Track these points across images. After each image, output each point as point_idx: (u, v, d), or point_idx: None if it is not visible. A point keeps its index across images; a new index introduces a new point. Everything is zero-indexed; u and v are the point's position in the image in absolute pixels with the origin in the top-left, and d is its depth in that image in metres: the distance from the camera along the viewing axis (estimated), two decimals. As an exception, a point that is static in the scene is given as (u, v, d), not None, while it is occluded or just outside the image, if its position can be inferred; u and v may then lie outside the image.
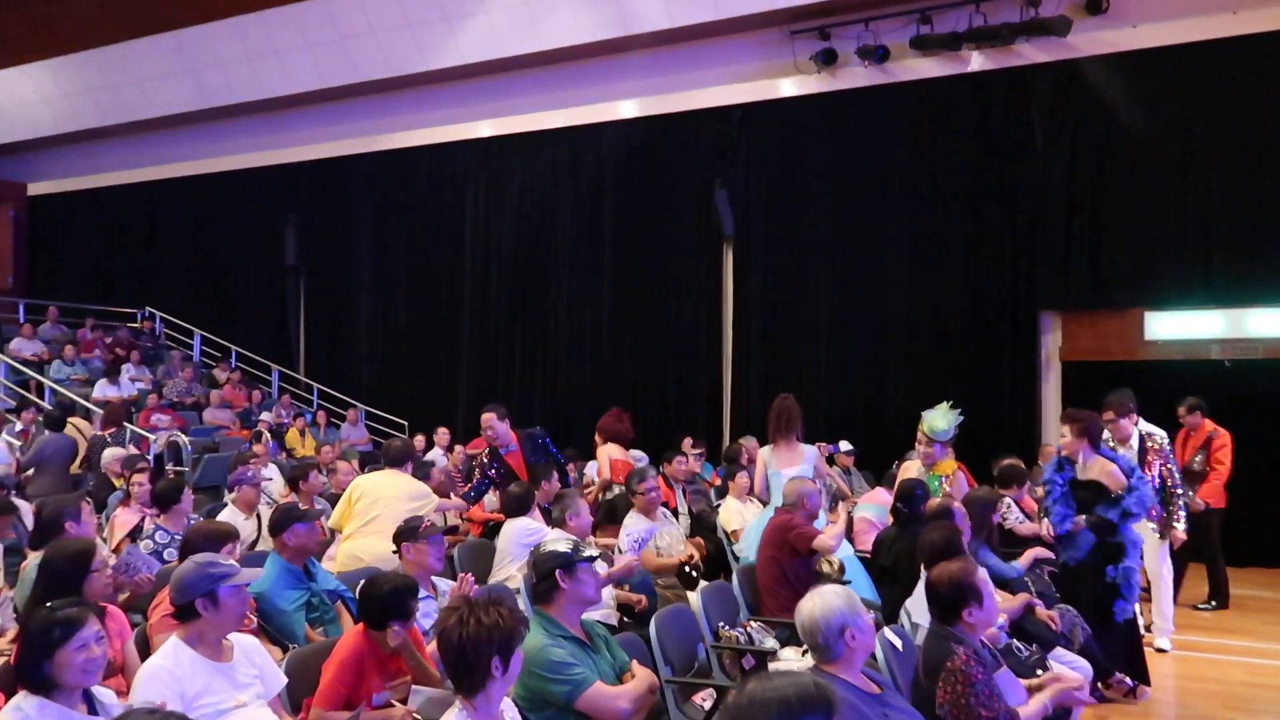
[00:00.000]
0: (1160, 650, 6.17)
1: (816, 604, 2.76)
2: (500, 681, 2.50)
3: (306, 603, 4.23)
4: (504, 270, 13.47)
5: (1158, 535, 6.06)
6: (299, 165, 14.87)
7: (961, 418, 6.21)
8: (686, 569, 5.39)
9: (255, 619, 3.89)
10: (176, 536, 5.38)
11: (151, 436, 9.96)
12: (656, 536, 5.67)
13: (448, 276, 13.90)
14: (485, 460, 6.65)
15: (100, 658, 2.63)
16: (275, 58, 13.87)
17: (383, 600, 3.40)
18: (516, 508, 5.52)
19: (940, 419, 6.08)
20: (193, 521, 5.56)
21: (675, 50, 12.06)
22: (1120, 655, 5.20)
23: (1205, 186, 9.53)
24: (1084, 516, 5.18)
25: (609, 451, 7.62)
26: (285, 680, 3.21)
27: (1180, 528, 6.04)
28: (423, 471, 6.62)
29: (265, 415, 12.38)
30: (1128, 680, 5.18)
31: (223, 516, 5.89)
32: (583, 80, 12.63)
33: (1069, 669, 4.36)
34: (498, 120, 13.33)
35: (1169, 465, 6.04)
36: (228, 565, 3.07)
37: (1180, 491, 6.06)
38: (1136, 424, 6.11)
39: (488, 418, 6.56)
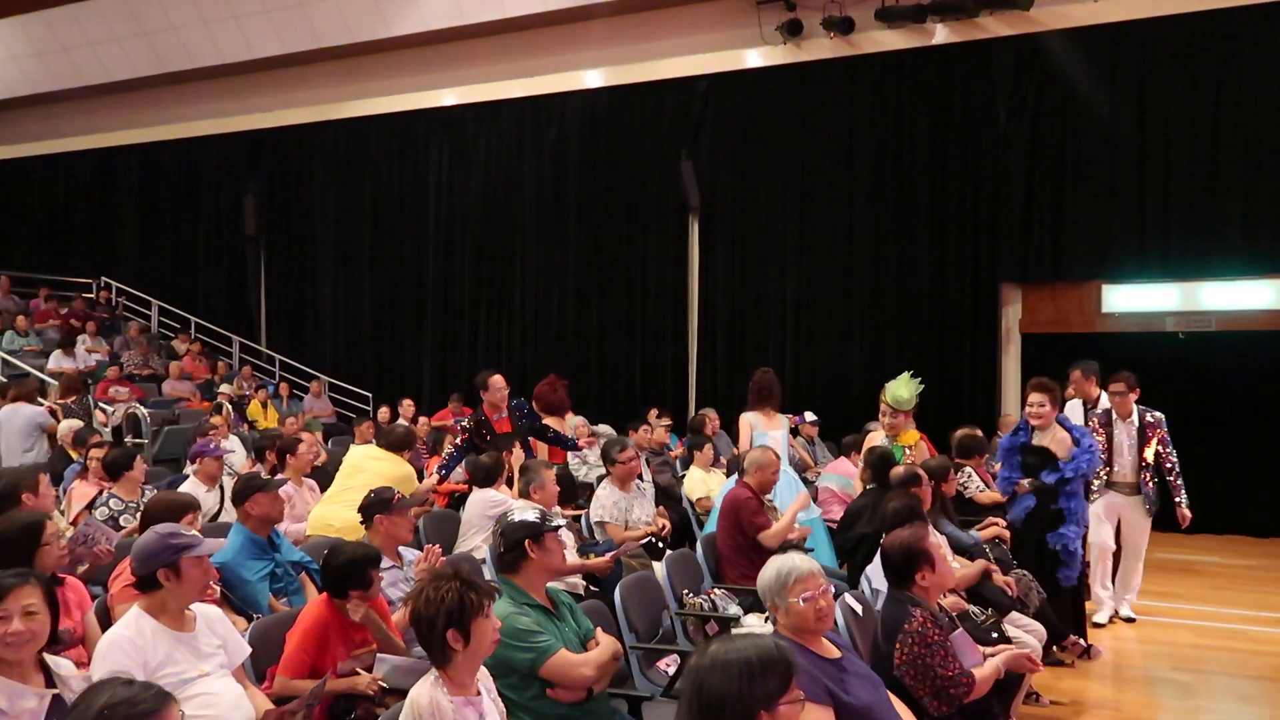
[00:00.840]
0: (1128, 619, 6.38)
1: (772, 572, 2.81)
2: (464, 654, 2.54)
3: (271, 573, 4.22)
4: (468, 241, 13.36)
5: (1147, 510, 6.23)
6: (258, 133, 14.60)
7: (922, 387, 6.33)
8: (654, 540, 5.44)
9: (219, 589, 3.88)
10: (130, 504, 5.37)
11: (109, 409, 9.81)
12: (628, 510, 5.72)
13: (412, 247, 13.76)
14: (473, 426, 6.55)
15: (26, 632, 2.53)
16: (234, 22, 13.57)
17: (342, 570, 3.44)
18: (483, 478, 5.53)
19: (902, 389, 6.20)
20: (148, 491, 5.52)
21: (640, 19, 11.97)
22: (1067, 621, 5.26)
23: (1162, 161, 9.68)
24: (1027, 480, 5.31)
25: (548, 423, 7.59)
26: (249, 650, 3.21)
27: (1184, 503, 6.12)
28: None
29: (225, 387, 12.23)
30: (1082, 641, 5.31)
31: (184, 488, 5.83)
32: (547, 49, 12.51)
33: (1024, 633, 4.49)
34: (461, 89, 13.17)
35: (1166, 443, 6.13)
36: (190, 535, 3.05)
37: (1178, 472, 6.13)
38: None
39: (497, 379, 6.57)
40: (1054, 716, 4.76)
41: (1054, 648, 5.13)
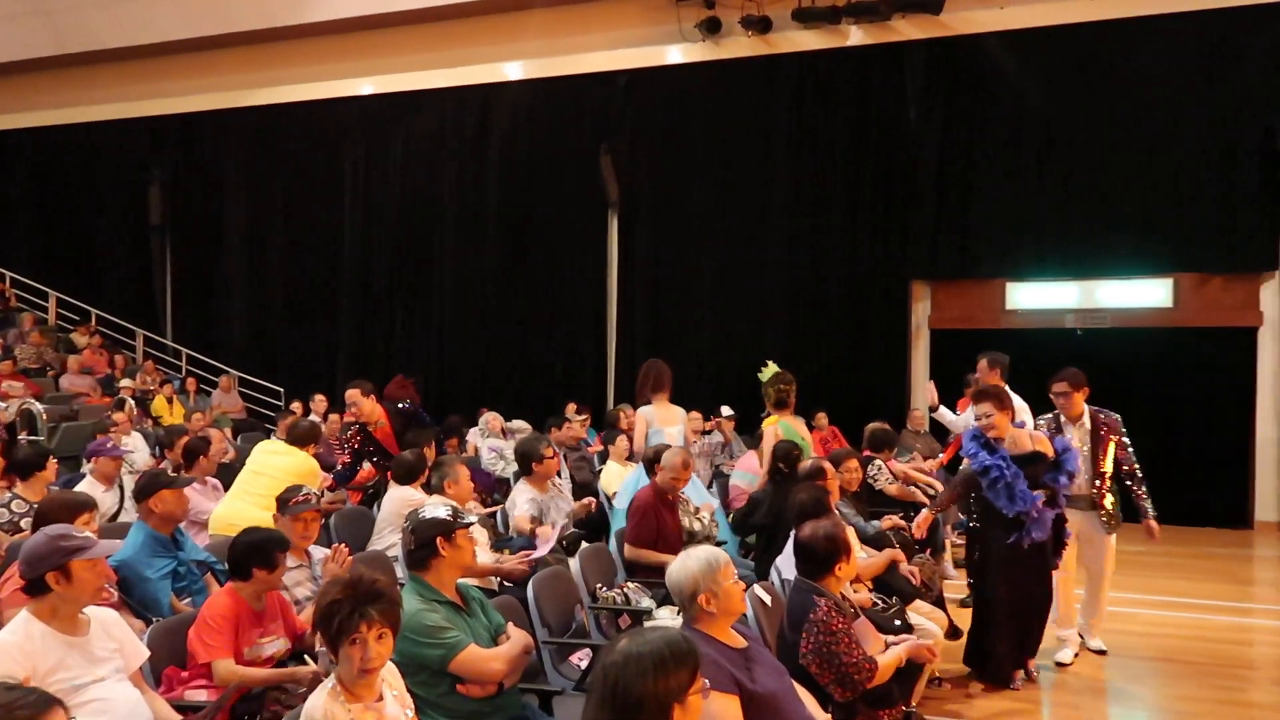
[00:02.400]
0: (1099, 651, 5.61)
1: (678, 568, 2.84)
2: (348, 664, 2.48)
3: (173, 572, 4.11)
4: (385, 233, 13.15)
5: (1105, 526, 5.45)
6: (164, 119, 14.10)
7: (775, 369, 6.65)
8: (563, 543, 5.44)
9: (115, 592, 3.76)
10: (34, 506, 5.13)
11: (2, 405, 9.39)
12: (544, 510, 5.69)
13: (326, 239, 13.48)
14: (356, 439, 6.42)
15: None
16: (138, 3, 13.07)
17: (248, 548, 3.44)
18: (404, 476, 5.45)
19: (765, 374, 6.63)
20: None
21: (561, 13, 11.94)
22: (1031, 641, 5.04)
23: (1064, 163, 10.07)
24: (1040, 493, 4.78)
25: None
26: (147, 653, 3.12)
27: (1153, 515, 5.45)
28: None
29: (128, 382, 11.81)
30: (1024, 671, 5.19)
31: (81, 488, 5.62)
32: (467, 40, 12.38)
33: (926, 621, 4.64)
34: (379, 78, 12.94)
35: (1124, 447, 5.47)
36: (82, 537, 2.94)
37: (1140, 477, 5.46)
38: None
39: (352, 394, 6.32)
40: (950, 697, 4.93)
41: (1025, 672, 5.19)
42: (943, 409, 6.87)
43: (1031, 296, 10.43)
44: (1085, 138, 9.98)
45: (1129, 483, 5.43)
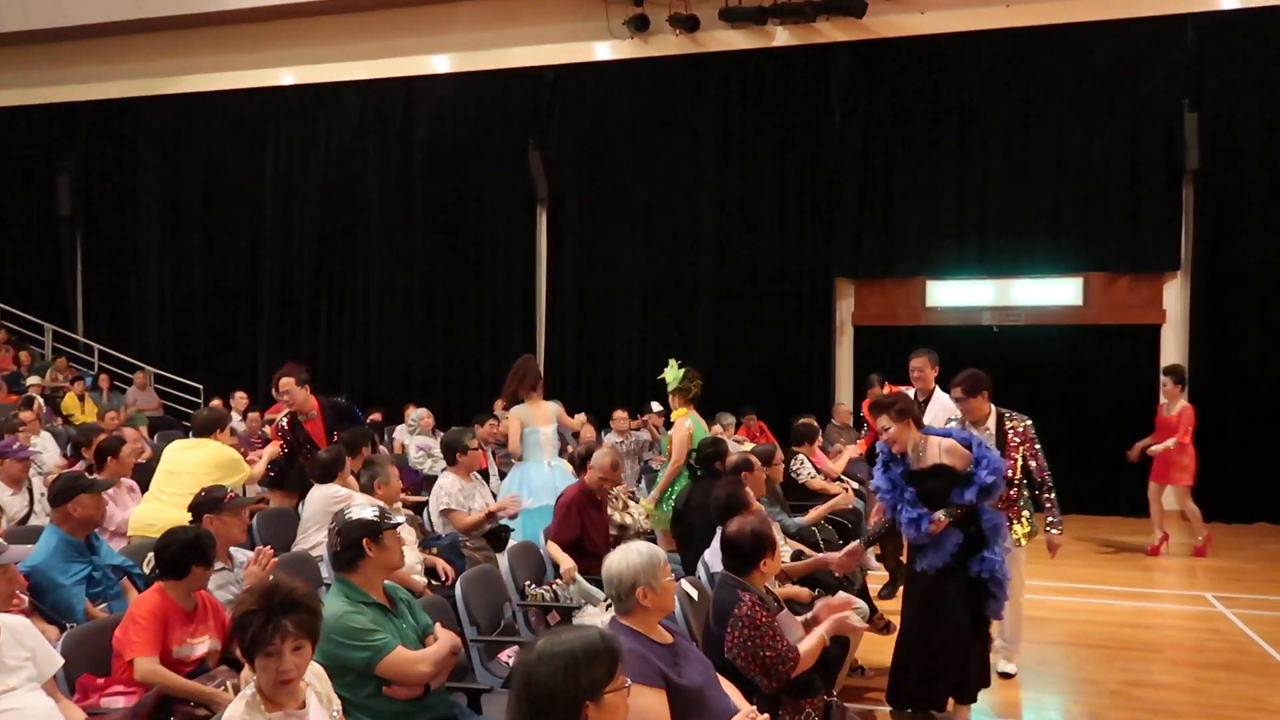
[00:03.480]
0: (1005, 675, 5.22)
1: (619, 560, 2.88)
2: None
3: (88, 577, 4.00)
4: (308, 226, 12.89)
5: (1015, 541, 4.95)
6: (74, 106, 13.59)
7: (683, 371, 6.83)
8: (500, 534, 5.44)
9: (26, 598, 3.65)
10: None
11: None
12: (470, 498, 5.69)
13: (246, 232, 13.16)
14: (285, 427, 6.28)
15: None
16: (44, -15, 12.57)
17: (185, 546, 3.37)
18: (323, 474, 5.38)
19: (669, 372, 6.84)
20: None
21: (488, 6, 11.85)
22: (986, 666, 4.52)
23: (980, 165, 10.40)
24: (943, 512, 4.09)
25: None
26: (61, 661, 3.04)
27: (1057, 533, 5.00)
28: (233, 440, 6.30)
29: (36, 379, 11.37)
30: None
31: (-13, 490, 5.43)
32: (392, 31, 12.21)
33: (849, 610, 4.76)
34: (301, 68, 12.68)
35: (1035, 455, 4.97)
36: (-10, 543, 2.86)
37: (1050, 487, 4.98)
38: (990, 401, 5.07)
39: (285, 381, 6.17)
40: (875, 686, 5.07)
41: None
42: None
43: (951, 295, 10.73)
44: (1001, 141, 10.32)
45: (1040, 492, 4.96)
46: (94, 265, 14.00)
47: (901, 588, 4.64)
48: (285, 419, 6.33)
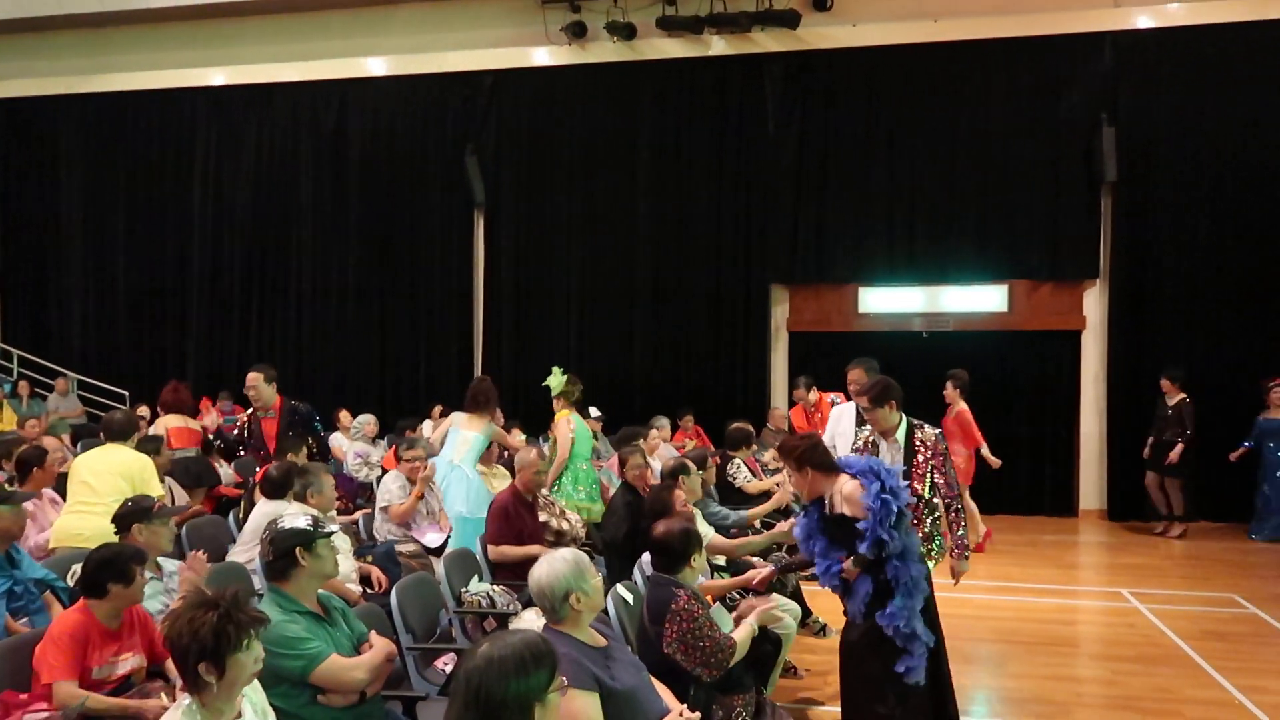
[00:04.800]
0: None
1: (545, 570, 2.92)
2: (220, 685, 2.40)
3: (8, 591, 3.91)
4: (238, 229, 12.64)
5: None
6: (-10, 103, 13.15)
7: (565, 377, 7.26)
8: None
9: (-56, 613, 3.55)
10: None
11: None
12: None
13: (174, 233, 12.85)
14: (245, 422, 6.57)
15: None
16: (-41, -22, 12.14)
17: (101, 564, 3.31)
18: (272, 490, 5.30)
19: (553, 379, 7.26)
20: None
21: (424, 10, 11.79)
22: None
23: (909, 175, 10.66)
24: (850, 559, 3.78)
25: (167, 422, 7.51)
26: (-17, 677, 2.98)
27: (963, 563, 4.61)
28: (151, 448, 6.19)
29: (-49, 386, 10.98)
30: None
31: (-100, 502, 5.22)
32: (327, 33, 12.06)
33: (781, 612, 4.86)
34: (231, 68, 12.44)
35: (944, 471, 4.60)
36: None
37: (958, 508, 4.62)
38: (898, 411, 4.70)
39: (254, 377, 6.45)
40: (809, 687, 5.18)
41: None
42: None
43: (882, 300, 10.97)
44: (929, 152, 10.60)
45: (950, 513, 4.59)
46: (12, 266, 13.54)
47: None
48: (247, 416, 6.63)
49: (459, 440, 6.56)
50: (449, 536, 5.80)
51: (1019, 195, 10.38)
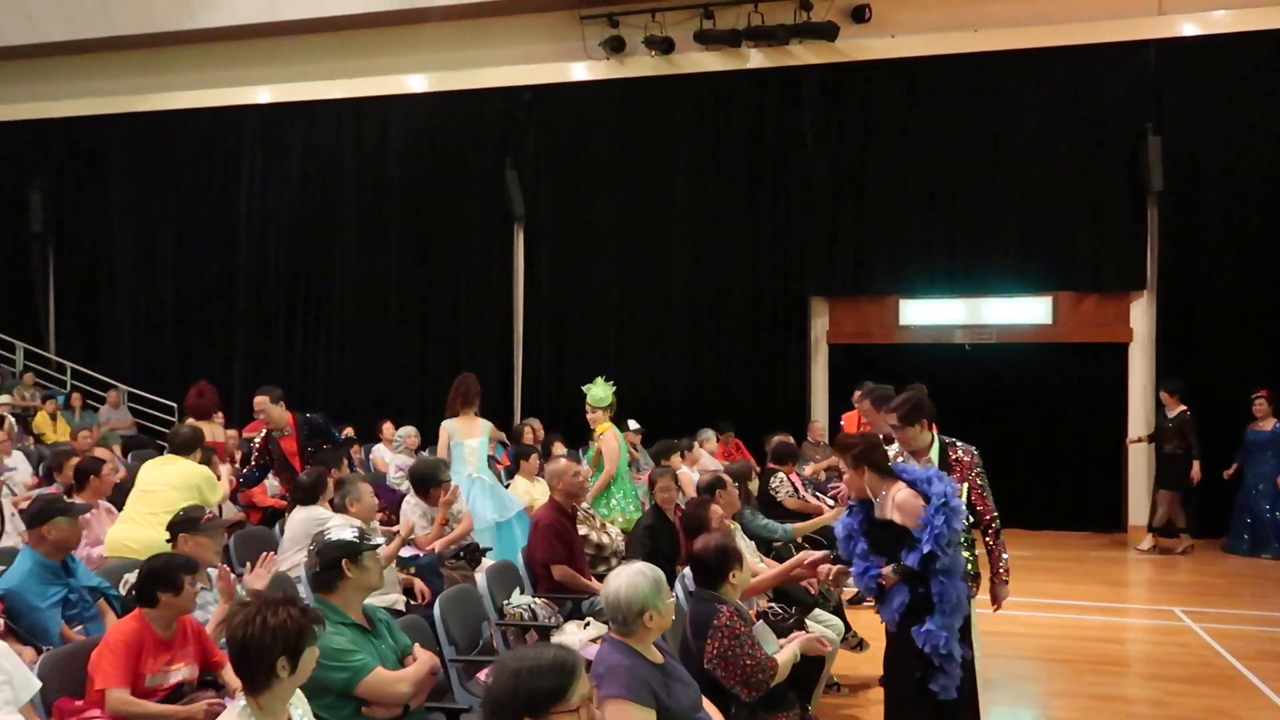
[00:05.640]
0: None
1: (625, 583, 2.92)
2: (288, 682, 2.47)
3: (64, 599, 3.99)
4: (283, 245, 12.86)
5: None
6: (47, 123, 13.49)
7: (614, 388, 7.21)
8: (462, 554, 5.47)
9: (2, 621, 3.64)
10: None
11: None
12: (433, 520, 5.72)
13: (220, 250, 13.10)
14: (259, 445, 6.52)
15: None
16: (17, 3, 12.50)
17: (152, 573, 3.36)
18: (303, 497, 5.38)
19: (599, 390, 7.12)
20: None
21: (465, 26, 11.92)
22: None
23: (949, 186, 10.57)
24: (890, 567, 3.69)
25: None
26: (38, 684, 3.04)
27: (1004, 588, 4.31)
28: (206, 459, 6.33)
29: (6, 397, 11.25)
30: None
31: (-42, 512, 5.37)
32: (369, 50, 12.24)
33: (823, 627, 4.83)
34: (276, 86, 12.68)
35: (981, 490, 4.32)
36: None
37: (997, 529, 4.32)
38: (932, 430, 4.39)
39: (260, 400, 6.42)
40: (852, 703, 5.13)
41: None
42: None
43: (923, 313, 10.87)
44: (969, 162, 10.50)
45: (985, 536, 4.34)
46: (67, 282, 13.89)
47: None
48: (261, 436, 6.53)
49: (466, 453, 6.56)
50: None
51: (1062, 205, 10.25)
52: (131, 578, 3.56)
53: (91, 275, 13.69)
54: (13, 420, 9.48)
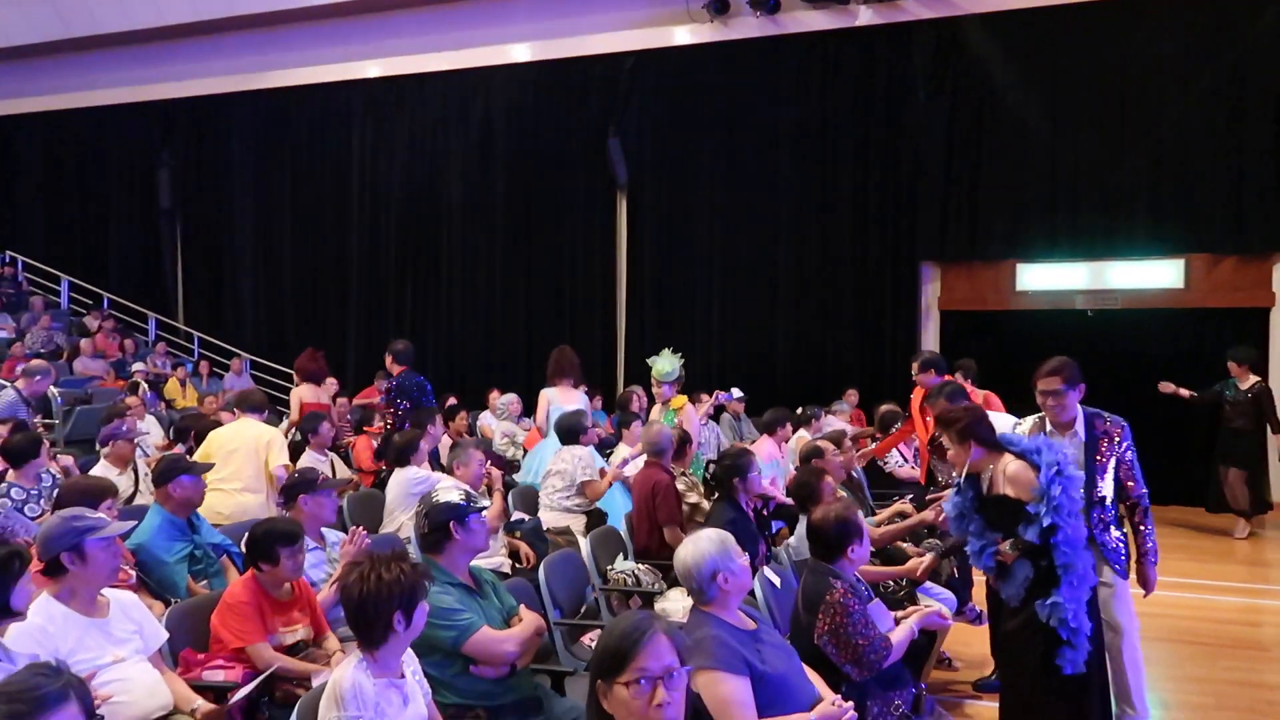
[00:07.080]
0: None
1: (690, 550, 2.86)
2: (403, 636, 2.56)
3: (190, 555, 4.16)
4: (392, 216, 13.17)
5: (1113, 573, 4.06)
6: (172, 103, 14.11)
7: (682, 360, 6.88)
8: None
9: (134, 573, 3.80)
10: (32, 492, 5.10)
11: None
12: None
13: (334, 222, 13.51)
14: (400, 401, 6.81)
15: None
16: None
17: (254, 543, 3.47)
18: (398, 458, 5.49)
19: (665, 363, 6.76)
20: (55, 477, 5.28)
21: (567, -6, 11.89)
22: None
23: (1072, 144, 10.00)
24: (1009, 543, 3.55)
25: (299, 393, 7.67)
26: (166, 635, 3.17)
27: (1152, 556, 4.07)
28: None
29: (139, 365, 11.87)
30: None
31: (95, 472, 5.67)
32: (473, 22, 12.33)
33: (936, 601, 4.66)
34: (385, 60, 12.92)
35: (1129, 466, 4.06)
36: (95, 518, 2.98)
37: (1145, 508, 4.09)
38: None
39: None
40: (964, 678, 4.96)
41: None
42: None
43: (1041, 278, 10.39)
44: (1094, 117, 9.90)
45: (1134, 515, 4.11)
46: (192, 255, 14.57)
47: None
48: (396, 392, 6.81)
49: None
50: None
51: (1197, 162, 9.58)
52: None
53: (216, 248, 14.31)
54: (145, 386, 9.98)
